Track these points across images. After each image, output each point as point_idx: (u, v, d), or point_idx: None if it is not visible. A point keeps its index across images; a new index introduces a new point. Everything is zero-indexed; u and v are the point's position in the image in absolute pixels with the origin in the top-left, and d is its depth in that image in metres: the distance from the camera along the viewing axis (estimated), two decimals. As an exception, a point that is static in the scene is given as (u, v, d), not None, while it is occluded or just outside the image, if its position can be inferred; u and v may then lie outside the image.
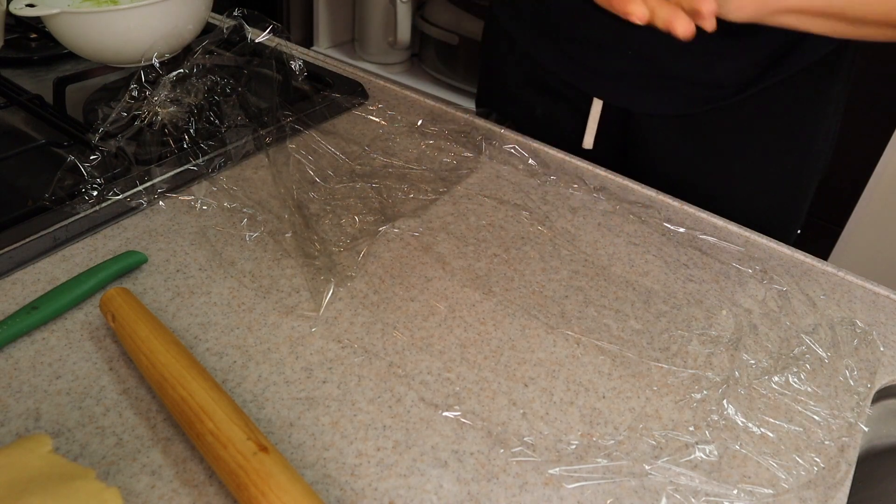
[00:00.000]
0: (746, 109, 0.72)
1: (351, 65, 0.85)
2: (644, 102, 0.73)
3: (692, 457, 0.42)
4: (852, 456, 0.44)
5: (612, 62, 0.71)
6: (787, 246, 0.62)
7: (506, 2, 0.79)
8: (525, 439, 0.42)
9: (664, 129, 0.75)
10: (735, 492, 0.40)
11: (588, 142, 0.79)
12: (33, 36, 0.81)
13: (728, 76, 0.69)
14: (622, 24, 0.68)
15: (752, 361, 0.49)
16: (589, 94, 0.76)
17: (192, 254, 0.53)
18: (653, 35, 0.68)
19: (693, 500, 0.40)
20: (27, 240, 0.51)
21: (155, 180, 0.59)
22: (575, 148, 0.78)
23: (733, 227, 0.63)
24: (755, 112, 0.72)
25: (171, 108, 0.61)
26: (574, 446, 0.42)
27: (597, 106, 0.76)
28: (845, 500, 0.42)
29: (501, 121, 0.75)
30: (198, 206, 0.58)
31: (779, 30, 0.66)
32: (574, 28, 0.72)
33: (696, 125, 0.74)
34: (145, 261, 0.51)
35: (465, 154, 0.68)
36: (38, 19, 0.66)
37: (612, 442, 0.43)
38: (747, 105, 0.71)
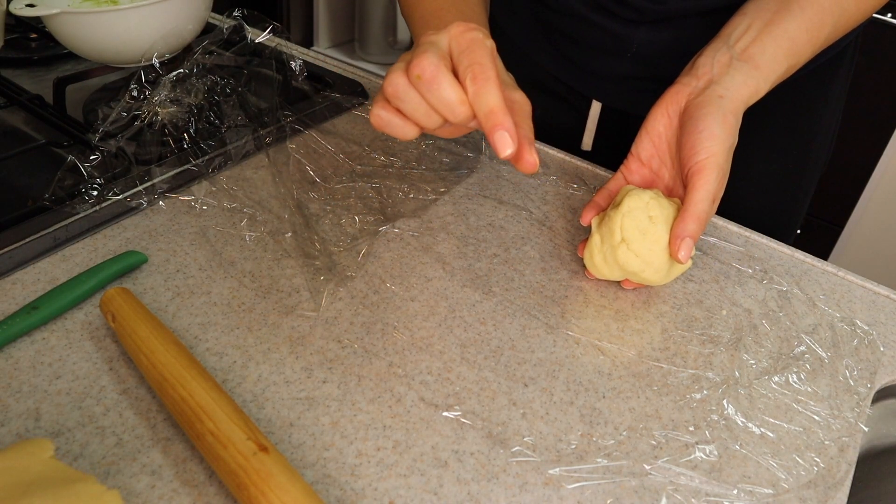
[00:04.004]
0: (745, 112, 0.72)
1: (351, 65, 0.85)
2: (642, 105, 0.73)
3: (692, 457, 0.42)
4: (852, 456, 0.44)
5: (611, 65, 0.71)
6: (787, 246, 0.62)
7: (504, 3, 0.79)
8: (525, 439, 0.42)
9: None
10: (735, 492, 0.40)
11: (587, 143, 0.79)
12: (33, 36, 0.81)
13: None
14: (621, 27, 0.68)
15: (752, 361, 0.49)
16: (587, 96, 0.76)
17: (192, 254, 0.53)
18: (651, 38, 0.68)
19: (693, 500, 0.40)
20: (27, 240, 0.51)
21: (155, 180, 0.59)
22: (574, 149, 0.78)
23: (733, 227, 0.63)
24: (754, 113, 0.72)
25: (171, 108, 0.61)
26: (574, 446, 0.42)
27: (595, 108, 0.76)
28: (845, 500, 0.42)
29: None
30: (198, 206, 0.58)
31: None
32: (572, 30, 0.72)
33: None
34: (145, 261, 0.51)
35: (466, 154, 0.68)
36: (38, 19, 0.66)
37: (612, 442, 0.43)
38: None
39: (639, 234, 0.50)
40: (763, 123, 0.72)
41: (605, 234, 0.52)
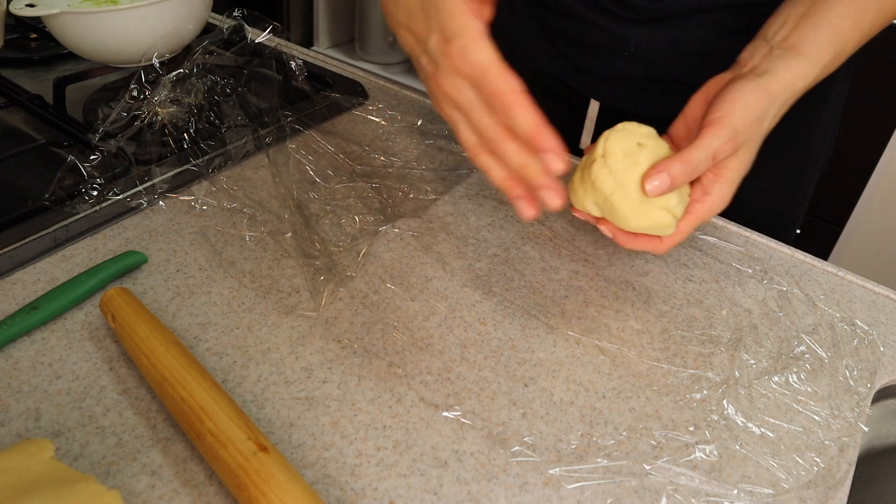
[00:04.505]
0: None
1: (351, 65, 0.85)
2: (641, 104, 0.73)
3: (692, 457, 0.42)
4: (852, 456, 0.44)
5: (609, 64, 0.71)
6: (787, 246, 0.62)
7: (503, 2, 0.79)
8: (525, 439, 0.42)
9: (662, 131, 0.75)
10: (735, 492, 0.40)
11: (585, 142, 0.79)
12: (33, 36, 0.81)
13: None
14: (619, 27, 0.68)
15: (752, 361, 0.49)
16: (585, 95, 0.76)
17: (192, 254, 0.53)
18: (649, 37, 0.68)
19: (693, 500, 0.40)
20: (27, 240, 0.51)
21: (155, 180, 0.59)
22: (573, 148, 0.77)
23: (733, 227, 0.63)
24: None
25: (171, 108, 0.61)
26: (574, 446, 0.42)
27: (594, 107, 0.76)
28: (845, 500, 0.42)
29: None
30: (198, 206, 0.58)
31: None
32: (571, 29, 0.72)
33: None
34: (145, 261, 0.51)
35: (466, 154, 0.68)
36: (38, 19, 0.66)
37: (612, 442, 0.43)
38: None
39: (621, 152, 0.47)
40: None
41: (589, 152, 0.49)
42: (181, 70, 0.62)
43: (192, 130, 0.62)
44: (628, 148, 0.47)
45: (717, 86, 0.52)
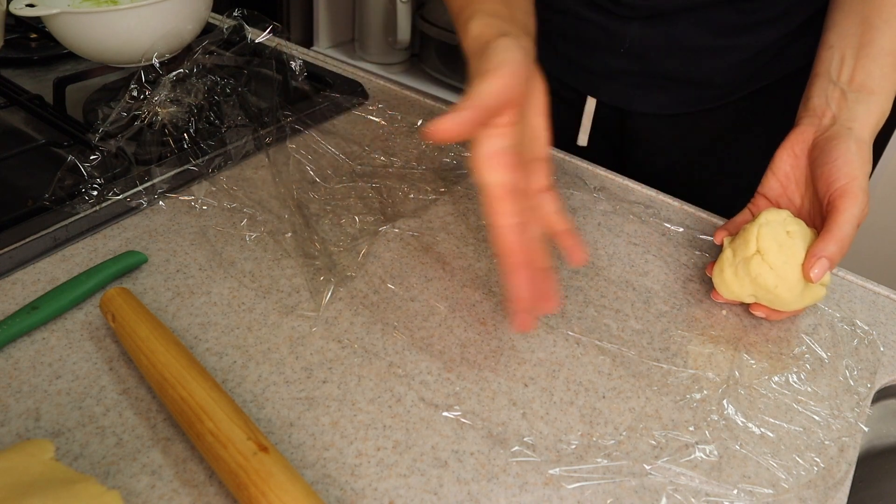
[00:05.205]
0: (741, 108, 0.72)
1: (351, 65, 0.85)
2: (637, 101, 0.73)
3: (692, 457, 0.42)
4: (852, 456, 0.44)
5: (605, 61, 0.71)
6: (787, 246, 0.62)
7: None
8: (525, 439, 0.42)
9: (659, 128, 0.75)
10: (735, 492, 0.40)
11: (582, 139, 0.79)
12: (33, 36, 0.81)
13: (719, 75, 0.69)
14: (614, 23, 0.68)
15: (752, 361, 0.49)
16: (582, 92, 0.76)
17: (192, 254, 0.53)
18: (644, 33, 0.68)
19: (693, 500, 0.40)
20: (27, 240, 0.51)
21: (155, 180, 0.59)
22: (570, 145, 0.77)
23: (733, 227, 0.63)
24: (749, 111, 0.72)
25: (171, 108, 0.61)
26: (574, 446, 0.42)
27: (590, 104, 0.76)
28: (845, 500, 0.42)
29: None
30: (198, 206, 0.58)
31: (771, 30, 0.66)
32: (566, 26, 0.72)
33: (691, 124, 0.74)
34: (145, 261, 0.51)
35: (465, 154, 0.68)
36: (38, 19, 0.66)
37: (612, 442, 0.43)
38: (741, 104, 0.71)
39: (776, 245, 0.49)
40: (757, 123, 0.72)
41: (739, 247, 0.51)
42: (181, 70, 0.62)
43: (192, 130, 0.62)
44: (780, 240, 0.49)
45: (802, 140, 0.54)
